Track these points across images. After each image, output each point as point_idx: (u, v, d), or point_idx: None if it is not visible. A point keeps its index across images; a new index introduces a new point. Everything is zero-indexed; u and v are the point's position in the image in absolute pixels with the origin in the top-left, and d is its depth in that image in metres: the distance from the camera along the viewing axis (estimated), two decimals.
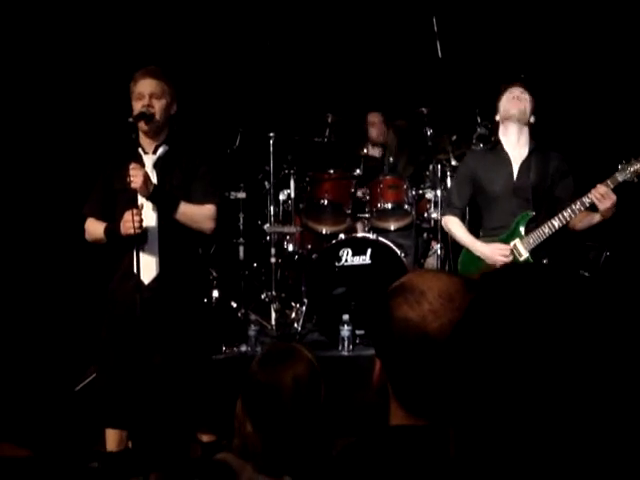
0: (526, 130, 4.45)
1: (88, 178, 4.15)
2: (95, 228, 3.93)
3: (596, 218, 4.20)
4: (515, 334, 0.83)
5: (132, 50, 5.97)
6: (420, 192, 5.87)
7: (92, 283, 4.78)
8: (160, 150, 3.90)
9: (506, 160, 4.44)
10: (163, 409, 3.93)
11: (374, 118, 6.72)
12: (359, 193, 5.98)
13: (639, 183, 4.10)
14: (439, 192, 5.76)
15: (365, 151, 6.51)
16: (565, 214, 4.19)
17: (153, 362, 3.81)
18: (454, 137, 5.97)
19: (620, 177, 4.09)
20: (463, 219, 4.66)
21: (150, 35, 6.32)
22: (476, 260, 4.44)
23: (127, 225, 3.68)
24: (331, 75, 7.06)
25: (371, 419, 1.45)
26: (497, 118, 4.49)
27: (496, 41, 6.62)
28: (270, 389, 2.06)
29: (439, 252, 5.82)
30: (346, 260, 5.59)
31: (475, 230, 4.61)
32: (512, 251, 4.34)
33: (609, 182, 4.08)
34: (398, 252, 5.51)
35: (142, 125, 3.82)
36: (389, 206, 5.83)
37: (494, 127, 4.60)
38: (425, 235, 6.10)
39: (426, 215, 5.88)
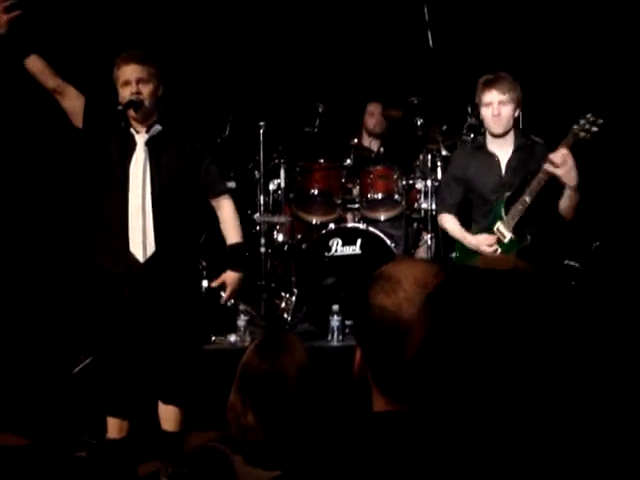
0: (511, 130, 4.44)
1: (76, 170, 4.15)
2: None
3: (567, 192, 4.15)
4: (477, 335, 0.85)
5: (119, 35, 5.92)
6: (410, 182, 5.86)
7: (84, 266, 4.76)
8: (152, 129, 3.93)
9: (493, 159, 4.45)
10: (156, 395, 3.95)
11: (374, 108, 6.68)
12: (349, 183, 5.97)
13: (591, 139, 4.09)
14: (429, 182, 5.75)
15: (356, 141, 6.49)
16: (532, 186, 4.20)
17: (145, 346, 3.83)
18: (444, 127, 5.96)
19: (571, 137, 4.09)
20: (458, 215, 4.66)
21: (139, 21, 6.28)
22: (470, 252, 4.48)
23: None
24: (321, 64, 7.03)
25: (357, 407, 1.45)
26: (481, 119, 4.48)
27: (487, 31, 6.60)
28: (274, 379, 2.06)
29: (429, 242, 5.81)
30: (336, 250, 5.58)
31: (468, 225, 4.62)
32: (497, 236, 4.38)
33: (563, 144, 4.08)
34: (388, 242, 5.51)
35: (131, 112, 3.84)
36: (379, 196, 5.82)
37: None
38: (415, 225, 6.09)
39: (416, 205, 5.87)
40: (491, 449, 0.82)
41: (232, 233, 4.11)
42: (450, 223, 4.64)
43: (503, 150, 4.44)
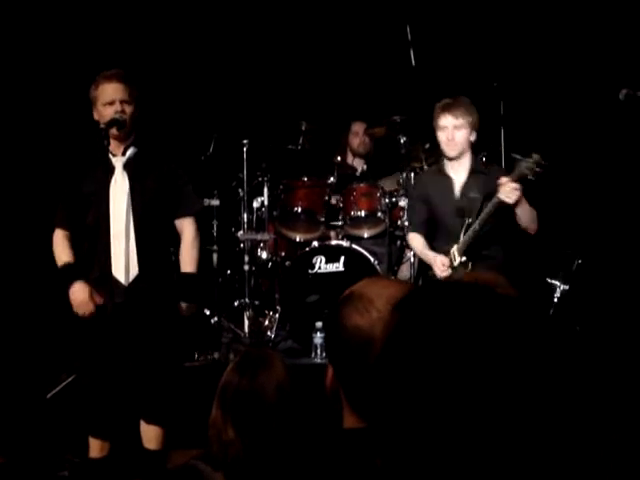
0: (467, 153, 4.54)
1: (53, 182, 4.15)
2: (58, 253, 3.96)
3: (519, 210, 4.28)
4: (436, 348, 0.86)
5: (101, 53, 5.93)
6: (393, 200, 5.87)
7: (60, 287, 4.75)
8: (129, 152, 3.91)
9: (449, 182, 4.57)
10: (138, 414, 3.94)
11: (358, 128, 6.67)
12: (333, 201, 5.98)
13: (536, 177, 4.20)
14: None
15: (339, 159, 6.51)
16: (483, 216, 4.33)
17: (127, 366, 3.82)
18: (427, 145, 5.99)
19: (516, 173, 4.18)
20: (425, 234, 4.75)
21: (122, 38, 6.29)
22: None
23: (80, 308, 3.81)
24: (305, 83, 7.06)
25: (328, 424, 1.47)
26: (438, 138, 4.54)
27: (469, 50, 6.65)
28: (254, 395, 2.07)
29: (412, 259, 5.82)
30: (319, 267, 5.59)
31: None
32: (450, 258, 4.49)
33: (511, 178, 4.18)
34: (371, 259, 5.52)
35: (114, 131, 3.82)
36: (362, 214, 5.84)
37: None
38: (398, 243, 6.10)
39: (399, 223, 5.88)
40: (449, 460, 0.83)
41: (186, 262, 4.01)
42: (415, 241, 4.76)
43: (458, 173, 4.55)
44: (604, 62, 6.17)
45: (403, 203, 5.84)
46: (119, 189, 3.85)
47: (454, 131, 4.39)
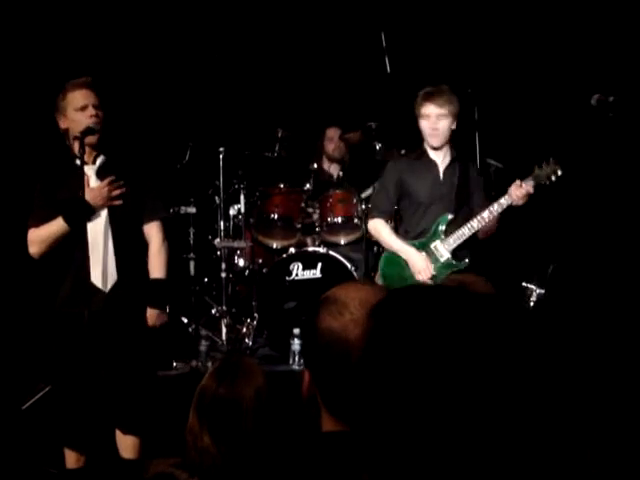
0: (447, 142, 4.54)
1: (24, 191, 4.11)
2: (48, 226, 3.84)
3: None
4: (415, 350, 0.87)
5: (69, 61, 5.89)
6: (370, 206, 5.89)
7: (40, 294, 4.71)
8: (99, 159, 3.89)
9: (433, 166, 4.52)
10: (113, 424, 3.91)
11: (333, 133, 6.69)
12: (309, 207, 6.00)
13: (551, 185, 4.24)
14: None
15: (315, 166, 6.52)
16: (484, 215, 4.32)
17: (101, 376, 3.79)
18: (403, 151, 6.01)
19: (535, 179, 4.22)
20: (389, 223, 4.72)
21: (93, 46, 6.26)
22: (399, 264, 4.52)
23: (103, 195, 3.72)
24: (281, 90, 7.08)
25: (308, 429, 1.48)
26: (420, 127, 4.49)
27: (444, 56, 6.70)
28: (232, 402, 2.08)
29: None
30: (297, 274, 5.60)
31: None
32: (432, 254, 4.43)
33: (526, 183, 4.21)
34: (348, 266, 5.54)
35: (90, 139, 3.78)
36: (339, 220, 5.85)
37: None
38: (375, 249, 6.12)
39: None
40: (432, 461, 0.84)
41: (154, 267, 3.96)
42: (383, 228, 4.62)
43: (441, 158, 4.52)
44: (576, 68, 6.23)
45: (369, 215, 5.87)
46: None
47: (437, 120, 4.38)
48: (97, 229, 3.80)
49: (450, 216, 4.44)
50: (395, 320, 0.89)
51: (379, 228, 4.64)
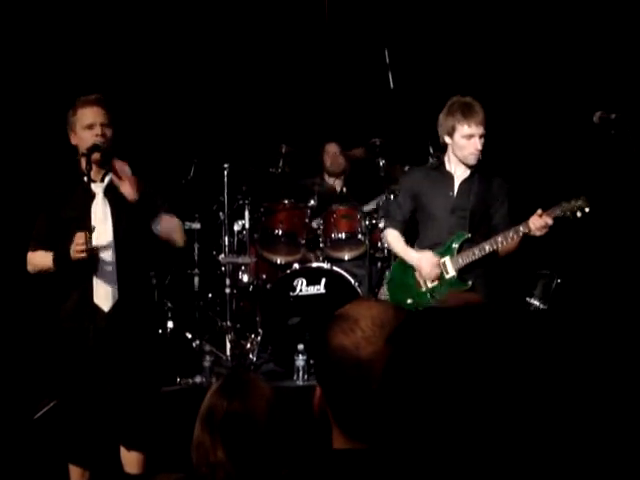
0: None
1: (25, 205, 4.12)
2: (41, 258, 3.86)
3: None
4: (432, 370, 0.88)
5: (77, 77, 5.93)
6: (373, 222, 5.92)
7: (43, 309, 4.72)
8: (108, 178, 3.87)
9: (448, 179, 4.42)
10: (117, 440, 3.92)
11: (330, 148, 6.73)
12: (313, 223, 6.02)
13: (573, 219, 4.17)
14: None
15: (319, 180, 6.55)
16: (498, 239, 4.23)
17: (106, 393, 3.79)
18: (407, 167, 6.04)
19: (558, 212, 4.16)
20: (404, 233, 4.58)
21: (102, 63, 6.31)
22: (405, 274, 4.49)
23: (78, 249, 3.64)
24: (285, 106, 7.11)
25: (319, 445, 1.49)
26: (445, 140, 4.35)
27: (447, 71, 6.73)
28: (246, 418, 2.09)
29: None
30: (301, 290, 5.62)
31: (410, 245, 4.58)
32: (441, 267, 4.37)
33: (547, 214, 4.13)
34: (352, 281, 5.55)
35: (96, 156, 3.77)
36: (343, 236, 5.88)
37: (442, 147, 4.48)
38: (379, 264, 6.14)
39: (380, 245, 5.93)
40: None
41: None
42: (395, 240, 4.55)
43: (460, 171, 4.40)
44: (579, 85, 6.26)
45: (383, 225, 5.89)
46: (100, 215, 3.83)
47: (480, 140, 4.25)
48: (104, 251, 3.78)
49: (467, 235, 4.34)
50: (414, 346, 0.90)
51: (389, 238, 4.61)
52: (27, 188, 5.37)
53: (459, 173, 4.41)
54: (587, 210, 4.17)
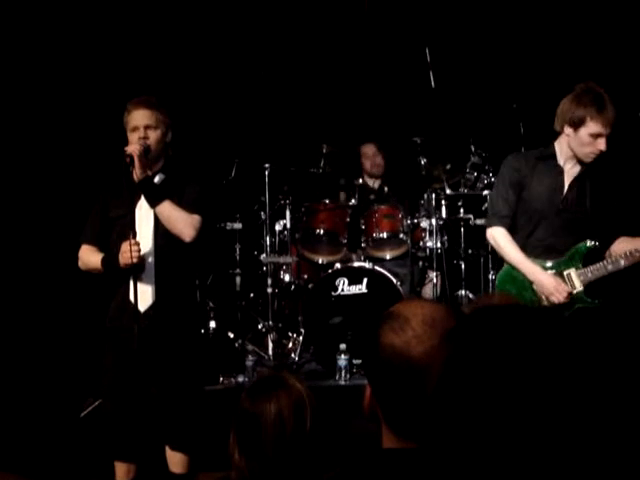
0: None
1: (82, 207, 4.18)
2: (91, 258, 3.94)
3: None
4: (492, 370, 0.87)
5: (126, 78, 6.00)
6: (415, 221, 5.90)
7: (90, 309, 4.78)
8: (156, 179, 3.90)
9: (558, 173, 3.92)
10: (161, 439, 3.95)
11: (367, 149, 6.72)
12: (355, 223, 6.02)
13: None
14: (434, 221, 5.81)
15: (360, 181, 6.54)
16: (637, 255, 3.76)
17: (150, 393, 3.82)
18: (448, 166, 6.02)
19: None
20: (510, 230, 3.99)
21: (145, 64, 6.37)
22: (520, 282, 3.95)
23: (125, 256, 3.68)
24: (326, 106, 7.12)
25: (367, 446, 1.48)
26: (565, 130, 3.82)
27: (489, 71, 6.69)
28: (254, 418, 2.09)
29: (435, 280, 5.84)
30: (342, 289, 5.61)
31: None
32: (566, 282, 3.89)
33: None
34: (394, 281, 5.53)
35: (137, 159, 3.80)
36: (385, 235, 5.87)
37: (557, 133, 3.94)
38: (421, 264, 6.12)
39: (421, 244, 5.91)
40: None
41: None
42: (504, 241, 3.96)
43: (571, 165, 3.92)
44: (624, 81, 6.17)
45: (425, 224, 5.87)
46: (144, 216, 3.87)
47: (604, 141, 3.74)
48: (144, 249, 3.81)
49: (593, 243, 3.89)
50: (473, 345, 0.89)
51: (498, 238, 3.98)
52: (82, 189, 5.43)
53: (568, 167, 3.93)
54: None
